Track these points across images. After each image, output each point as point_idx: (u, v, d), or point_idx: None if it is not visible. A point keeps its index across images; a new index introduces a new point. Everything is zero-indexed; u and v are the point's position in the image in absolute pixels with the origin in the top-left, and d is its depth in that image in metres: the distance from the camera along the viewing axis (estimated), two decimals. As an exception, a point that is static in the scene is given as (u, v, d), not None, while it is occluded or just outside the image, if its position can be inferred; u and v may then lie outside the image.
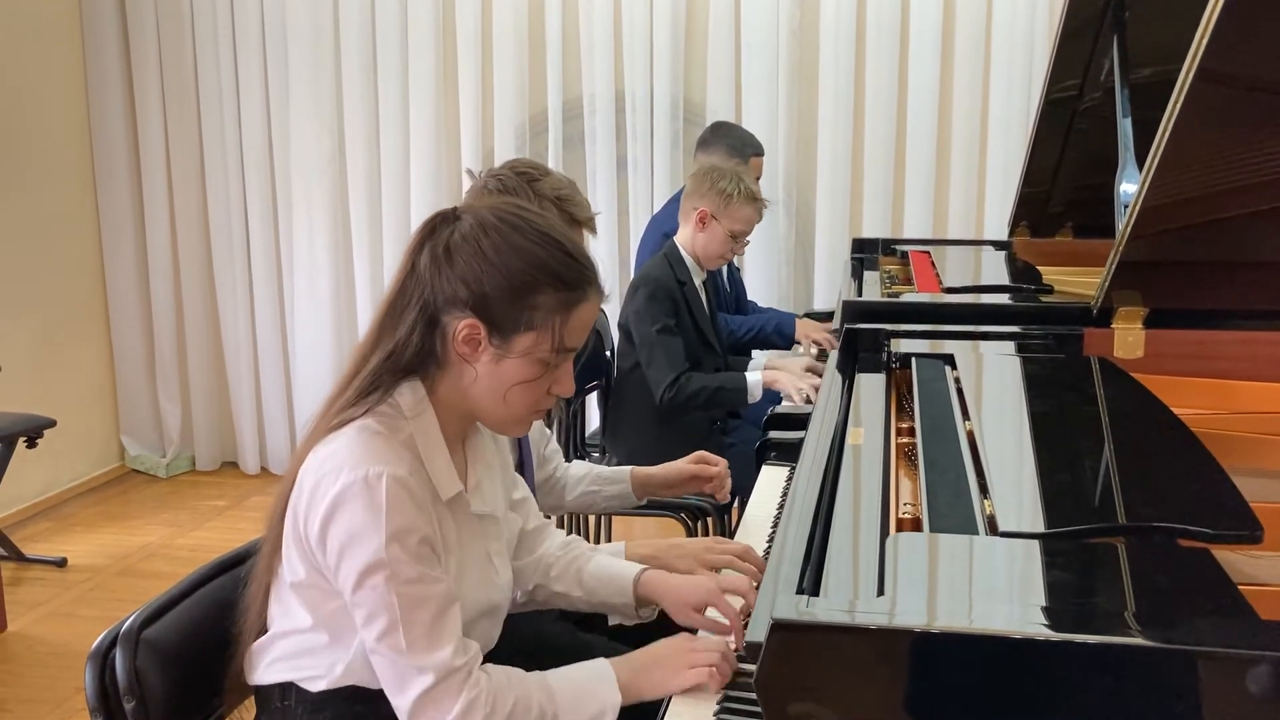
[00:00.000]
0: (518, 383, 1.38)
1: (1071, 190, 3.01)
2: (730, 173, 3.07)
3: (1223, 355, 1.90)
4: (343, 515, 1.30)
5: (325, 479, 1.32)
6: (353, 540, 1.30)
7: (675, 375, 2.90)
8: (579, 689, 1.38)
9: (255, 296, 4.75)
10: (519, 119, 4.44)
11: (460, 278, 1.35)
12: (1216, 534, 1.16)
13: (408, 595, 1.30)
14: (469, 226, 1.37)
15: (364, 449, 1.33)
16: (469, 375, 1.39)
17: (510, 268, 1.35)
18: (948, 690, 0.96)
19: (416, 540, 1.31)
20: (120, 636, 1.35)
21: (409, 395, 1.39)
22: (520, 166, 1.91)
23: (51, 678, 3.13)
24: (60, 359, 4.57)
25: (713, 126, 3.70)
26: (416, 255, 1.38)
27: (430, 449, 1.39)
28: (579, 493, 2.13)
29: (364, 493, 1.30)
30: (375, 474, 1.30)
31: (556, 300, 1.37)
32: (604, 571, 1.66)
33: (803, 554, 1.34)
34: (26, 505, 4.36)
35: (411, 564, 1.30)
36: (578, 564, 1.68)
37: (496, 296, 1.34)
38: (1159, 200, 1.74)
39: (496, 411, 1.42)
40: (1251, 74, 1.56)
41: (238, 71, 4.56)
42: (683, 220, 3.12)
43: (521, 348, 1.37)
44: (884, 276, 2.91)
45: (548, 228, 1.40)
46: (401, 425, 1.38)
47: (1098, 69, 2.64)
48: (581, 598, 1.66)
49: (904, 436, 1.71)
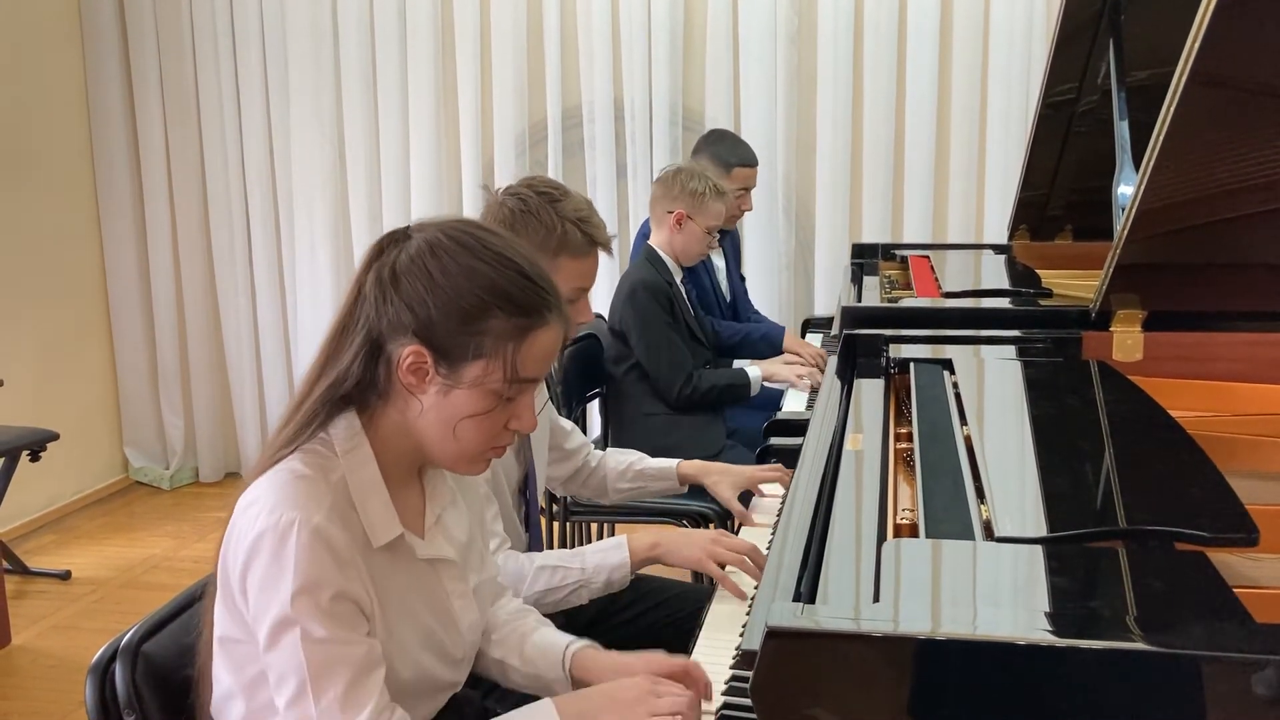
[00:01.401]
0: (467, 415, 1.28)
1: (1070, 193, 3.00)
2: (695, 173, 3.18)
3: (1221, 357, 1.90)
4: (257, 562, 1.22)
5: (245, 523, 1.24)
6: (263, 590, 1.21)
7: (688, 373, 3.04)
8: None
9: (258, 307, 4.76)
10: (518, 127, 4.45)
11: (405, 302, 1.26)
12: (1213, 537, 1.16)
13: (318, 657, 1.20)
14: (417, 248, 1.28)
15: (283, 492, 1.24)
16: (415, 407, 1.29)
17: (458, 290, 1.25)
18: (949, 697, 0.96)
19: (329, 596, 1.21)
20: (120, 651, 1.35)
21: (343, 429, 1.30)
22: (540, 186, 1.89)
23: (56, 691, 3.14)
24: (63, 371, 4.58)
25: (707, 134, 3.71)
26: (364, 278, 1.30)
27: (364, 490, 1.29)
28: (623, 488, 2.22)
29: (274, 541, 1.20)
30: (288, 521, 1.21)
31: (509, 326, 1.27)
32: (543, 642, 1.53)
33: (800, 561, 1.34)
34: (30, 518, 4.37)
35: (323, 622, 1.20)
36: (520, 631, 1.55)
37: (442, 321, 1.25)
38: (1155, 203, 1.74)
39: (447, 447, 1.31)
40: (1245, 76, 1.56)
41: (238, 85, 4.57)
42: (656, 225, 3.23)
43: (471, 377, 1.27)
44: (883, 281, 2.91)
45: (504, 248, 1.30)
46: (333, 465, 1.28)
47: (1095, 72, 2.64)
48: (518, 668, 1.52)
49: (902, 442, 1.71)
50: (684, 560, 1.80)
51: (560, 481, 2.24)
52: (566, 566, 1.77)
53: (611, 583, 1.79)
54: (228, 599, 1.29)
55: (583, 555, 1.81)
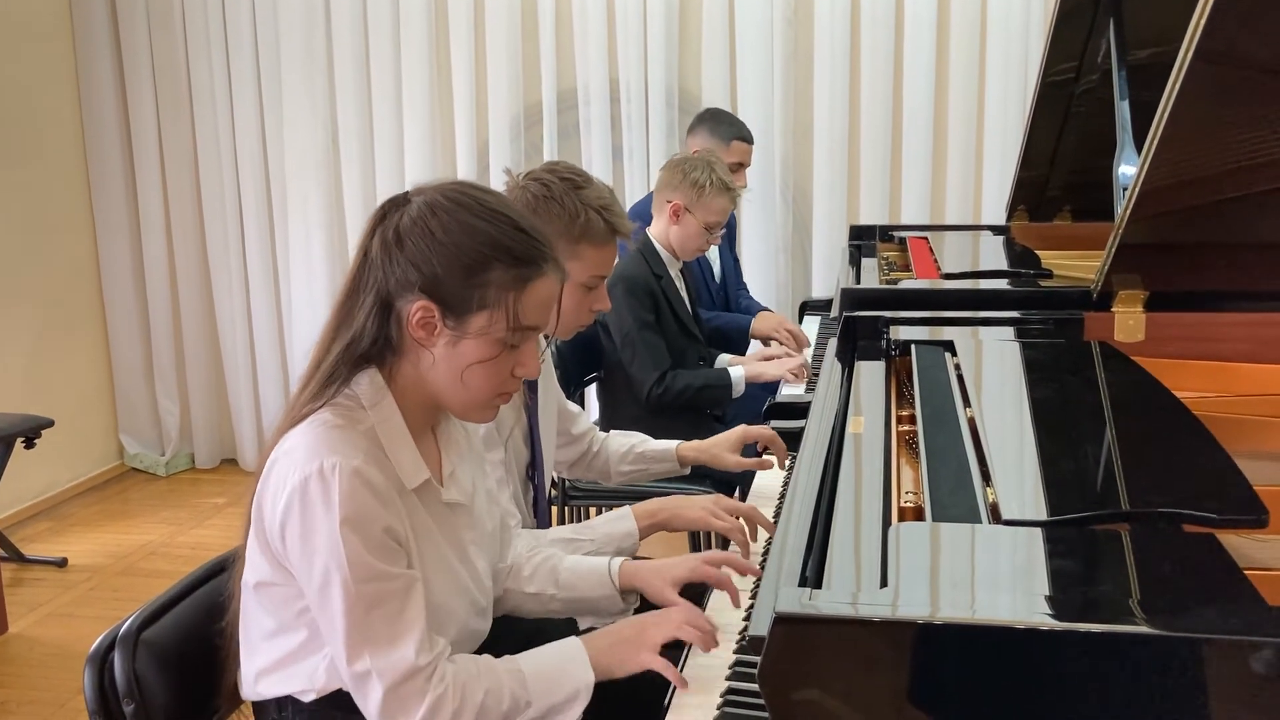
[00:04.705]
0: (475, 362, 1.36)
1: (1069, 173, 2.99)
2: (701, 163, 3.00)
3: (1224, 337, 1.89)
4: (299, 509, 1.28)
5: (283, 474, 1.30)
6: (310, 535, 1.27)
7: (660, 373, 2.90)
8: (552, 671, 1.36)
9: (251, 292, 4.73)
10: (513, 110, 4.42)
11: (411, 261, 1.33)
12: (1222, 519, 1.15)
13: (366, 593, 1.27)
14: (418, 209, 1.36)
15: (320, 441, 1.30)
16: (427, 360, 1.37)
17: (459, 246, 1.33)
18: (952, 681, 0.95)
19: (379, 530, 1.29)
20: (119, 639, 1.34)
21: (366, 385, 1.37)
22: (563, 172, 1.89)
23: (53, 679, 3.13)
24: (57, 358, 4.56)
25: (703, 112, 3.68)
26: (369, 243, 1.37)
27: (393, 438, 1.37)
28: (625, 470, 2.22)
29: (319, 485, 1.27)
30: (330, 465, 1.27)
31: (509, 277, 1.34)
32: (581, 565, 1.64)
33: (804, 545, 1.33)
34: (26, 506, 4.36)
35: (370, 558, 1.27)
36: (551, 562, 1.65)
37: (447, 276, 1.33)
38: (1158, 182, 1.73)
39: (457, 395, 1.39)
40: (1251, 53, 1.55)
41: (230, 68, 4.53)
42: (656, 212, 3.08)
43: (476, 327, 1.35)
44: (882, 263, 2.90)
45: (498, 204, 1.39)
46: (361, 416, 1.36)
47: (1095, 51, 2.63)
48: (556, 595, 1.63)
49: (905, 424, 1.70)
50: (688, 522, 1.82)
51: (567, 465, 2.25)
52: (578, 539, 1.79)
53: (622, 550, 1.81)
54: (263, 544, 1.34)
55: (592, 527, 1.83)
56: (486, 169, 4.44)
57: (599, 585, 1.61)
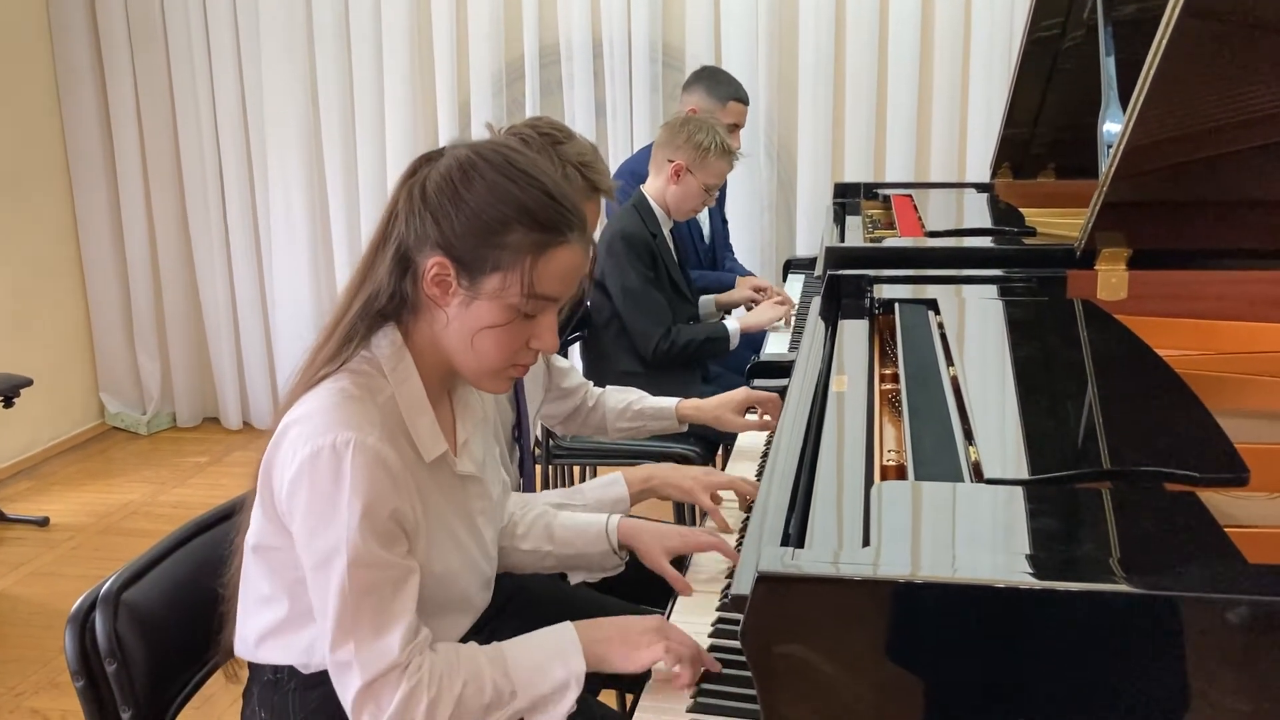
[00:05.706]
0: (486, 326, 1.31)
1: (1054, 131, 2.98)
2: (706, 125, 3.00)
3: (1207, 295, 1.89)
4: (308, 481, 1.25)
5: (295, 442, 1.27)
6: (315, 510, 1.25)
7: (665, 328, 2.93)
8: (539, 661, 1.31)
9: (232, 249, 4.69)
10: (495, 65, 4.37)
11: (432, 216, 1.30)
12: (1203, 477, 1.15)
13: (362, 579, 1.24)
14: (447, 165, 1.32)
15: (336, 413, 1.27)
16: (440, 320, 1.33)
17: (481, 204, 1.29)
18: (933, 640, 0.96)
19: (386, 514, 1.26)
20: (100, 599, 1.34)
21: (385, 344, 1.34)
22: (544, 127, 1.87)
23: (36, 638, 3.13)
24: (35, 317, 4.52)
25: (700, 70, 3.64)
26: (398, 196, 1.34)
27: (413, 408, 1.34)
28: (623, 427, 2.22)
29: (331, 460, 1.24)
30: (344, 441, 1.24)
31: (528, 241, 1.29)
32: (577, 520, 1.64)
33: (787, 504, 1.33)
34: (6, 465, 4.34)
35: (372, 544, 1.25)
36: (545, 519, 1.64)
37: (465, 234, 1.29)
38: (1143, 140, 1.72)
39: (468, 360, 1.35)
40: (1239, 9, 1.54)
41: (207, 22, 4.47)
42: (654, 170, 3.07)
43: (489, 289, 1.30)
44: (866, 221, 2.89)
45: (530, 166, 1.34)
46: (380, 386, 1.32)
47: (1080, 7, 2.61)
48: (552, 551, 1.62)
49: (888, 383, 1.70)
50: (678, 491, 1.83)
51: (559, 419, 2.24)
52: (570, 504, 1.78)
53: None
54: (268, 508, 1.32)
55: (582, 492, 1.83)
56: (468, 125, 4.40)
57: (595, 541, 1.61)
